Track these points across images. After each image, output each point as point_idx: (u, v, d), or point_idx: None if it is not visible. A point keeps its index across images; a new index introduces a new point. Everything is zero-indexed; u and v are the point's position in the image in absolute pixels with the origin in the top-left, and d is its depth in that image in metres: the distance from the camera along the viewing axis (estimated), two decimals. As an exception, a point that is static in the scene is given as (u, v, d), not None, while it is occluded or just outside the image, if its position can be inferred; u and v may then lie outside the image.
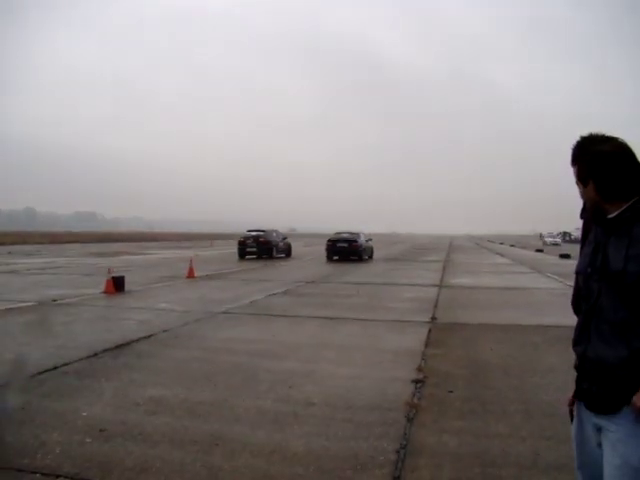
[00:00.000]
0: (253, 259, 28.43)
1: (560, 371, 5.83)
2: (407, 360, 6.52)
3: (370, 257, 30.00)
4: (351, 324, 9.12)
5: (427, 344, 7.52)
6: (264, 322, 9.19)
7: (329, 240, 28.72)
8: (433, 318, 9.77)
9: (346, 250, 28.09)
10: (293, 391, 5.23)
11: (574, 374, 2.11)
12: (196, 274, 17.73)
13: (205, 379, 5.61)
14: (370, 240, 31.61)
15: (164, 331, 8.24)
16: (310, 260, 29.20)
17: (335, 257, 28.19)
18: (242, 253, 29.62)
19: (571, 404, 2.15)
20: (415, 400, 4.99)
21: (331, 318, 9.70)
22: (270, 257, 29.29)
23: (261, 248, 29.45)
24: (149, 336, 7.85)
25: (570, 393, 2.14)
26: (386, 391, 5.27)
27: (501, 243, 74.05)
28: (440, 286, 15.51)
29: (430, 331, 8.51)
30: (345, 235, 29.08)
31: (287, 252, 32.06)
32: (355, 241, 28.33)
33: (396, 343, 7.59)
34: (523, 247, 55.87)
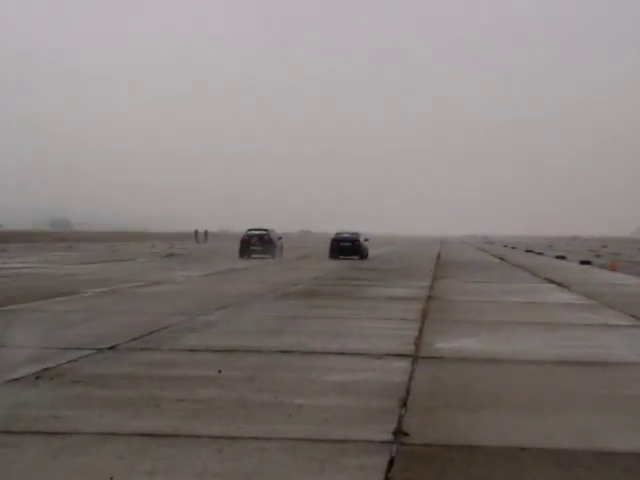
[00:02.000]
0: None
1: None
2: None
3: (366, 257, 44.35)
4: (205, 451, 6.86)
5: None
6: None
7: (333, 240, 44.23)
8: (400, 433, 7.28)
9: (349, 249, 42.86)
10: None
11: None
12: None
13: None
14: (367, 240, 47.04)
15: None
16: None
17: (339, 256, 43.20)
18: (245, 252, 41.33)
19: None
20: None
21: (158, 436, 7.27)
22: (273, 256, 41.81)
23: (265, 247, 41.91)
24: None
25: None
26: None
27: (561, 257, 55.35)
28: (415, 357, 11.37)
29: (392, 464, 6.40)
30: (346, 235, 44.45)
31: (281, 251, 45.89)
32: (357, 241, 43.41)
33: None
34: (612, 267, 37.52)
